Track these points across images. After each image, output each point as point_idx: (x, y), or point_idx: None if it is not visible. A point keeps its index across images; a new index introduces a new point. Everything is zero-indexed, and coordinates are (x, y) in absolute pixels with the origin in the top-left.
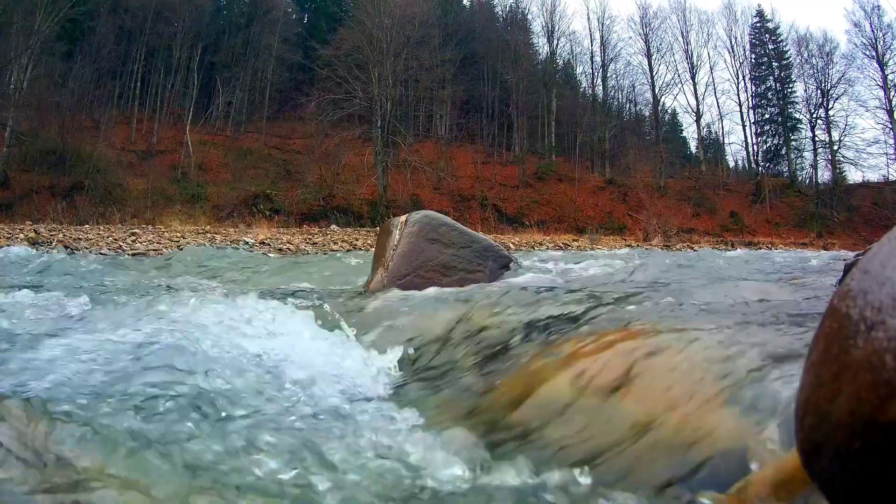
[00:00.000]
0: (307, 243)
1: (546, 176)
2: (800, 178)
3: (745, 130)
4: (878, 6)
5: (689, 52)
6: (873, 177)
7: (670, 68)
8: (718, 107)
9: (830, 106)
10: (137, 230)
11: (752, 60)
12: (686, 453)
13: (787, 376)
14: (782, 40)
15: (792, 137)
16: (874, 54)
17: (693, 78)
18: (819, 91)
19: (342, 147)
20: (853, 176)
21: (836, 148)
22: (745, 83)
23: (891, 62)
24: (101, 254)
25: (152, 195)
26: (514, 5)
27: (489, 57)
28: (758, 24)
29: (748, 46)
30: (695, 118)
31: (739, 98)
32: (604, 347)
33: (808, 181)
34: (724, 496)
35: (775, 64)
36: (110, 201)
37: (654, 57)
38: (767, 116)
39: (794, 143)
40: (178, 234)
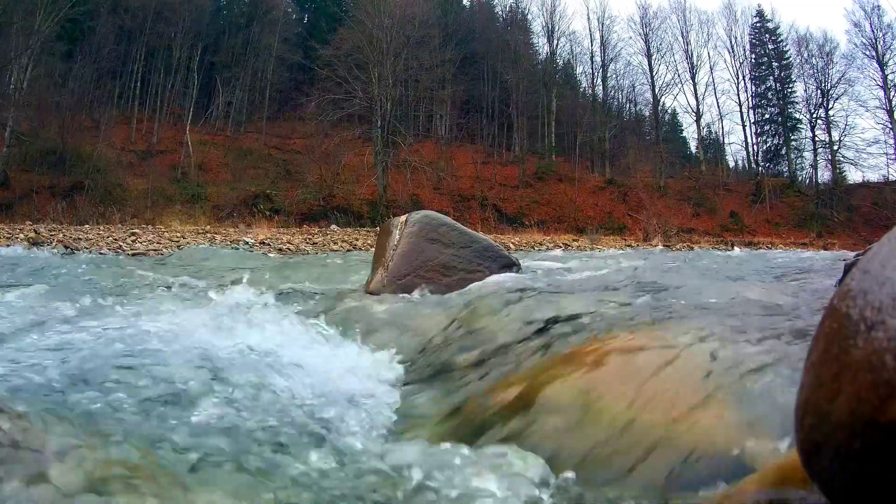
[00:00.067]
0: (307, 243)
1: (546, 176)
2: (800, 178)
3: (745, 130)
4: (878, 6)
5: (689, 52)
6: (873, 177)
7: (670, 68)
8: (718, 107)
9: (830, 106)
10: (137, 230)
11: (752, 60)
12: (686, 453)
13: (787, 376)
14: (782, 40)
15: (792, 137)
16: (874, 54)
17: (693, 78)
18: (819, 91)
19: (342, 147)
20: (853, 176)
21: (836, 148)
22: (745, 83)
23: (891, 62)
24: (101, 254)
25: (152, 195)
26: (514, 5)
27: (489, 57)
28: (758, 24)
29: (748, 46)
30: (695, 118)
31: (739, 98)
32: (603, 347)
33: (808, 181)
34: (723, 496)
35: (775, 64)
36: (110, 201)
37: (654, 57)
38: (767, 116)
39: (794, 143)
40: (178, 234)
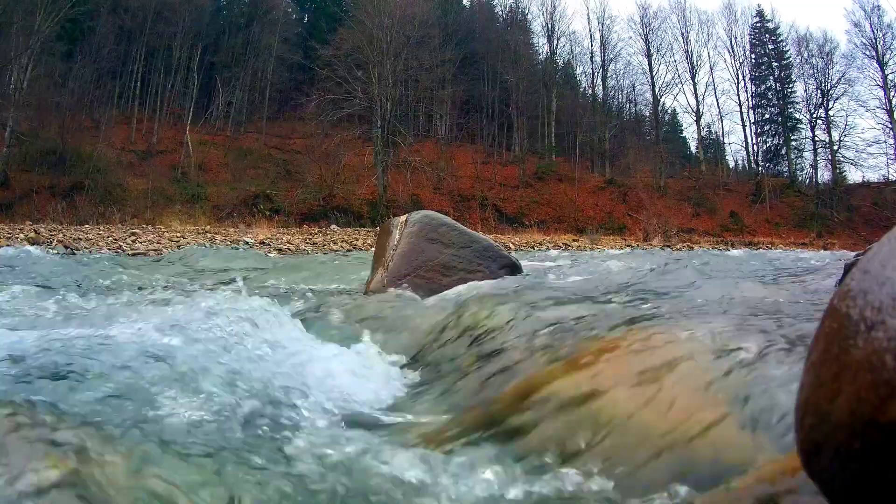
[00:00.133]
0: (307, 243)
1: (546, 176)
2: (800, 178)
3: (745, 130)
4: (878, 6)
5: (689, 52)
6: (873, 177)
7: (670, 68)
8: (718, 107)
9: (830, 106)
10: (137, 230)
11: (752, 60)
12: (686, 452)
13: (787, 376)
14: (782, 40)
15: (792, 137)
16: (874, 54)
17: (693, 78)
18: (819, 91)
19: (342, 147)
20: (853, 176)
21: (836, 148)
22: (745, 83)
23: (891, 62)
24: (101, 253)
25: (152, 195)
26: (514, 5)
27: (489, 57)
28: (758, 24)
29: (748, 46)
30: (695, 118)
31: (739, 98)
32: (603, 347)
33: (808, 181)
34: (724, 495)
35: (775, 64)
36: (110, 201)
37: (654, 57)
38: (767, 116)
39: (794, 143)
40: (178, 234)
